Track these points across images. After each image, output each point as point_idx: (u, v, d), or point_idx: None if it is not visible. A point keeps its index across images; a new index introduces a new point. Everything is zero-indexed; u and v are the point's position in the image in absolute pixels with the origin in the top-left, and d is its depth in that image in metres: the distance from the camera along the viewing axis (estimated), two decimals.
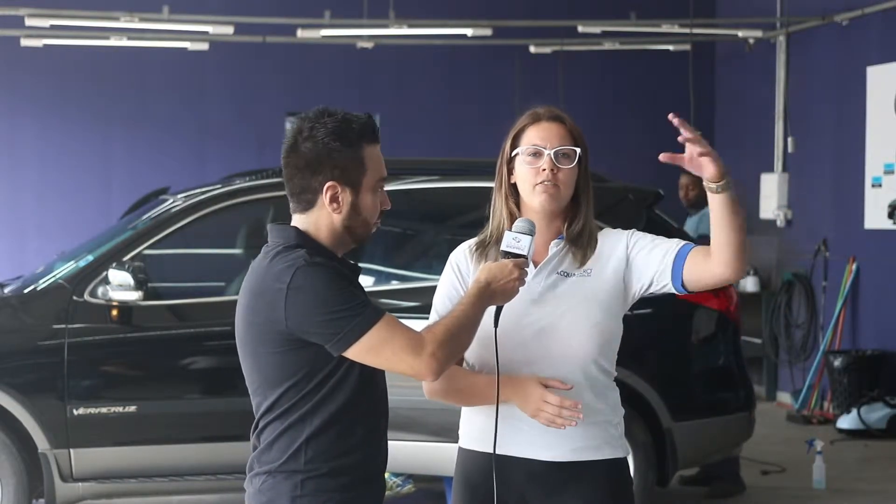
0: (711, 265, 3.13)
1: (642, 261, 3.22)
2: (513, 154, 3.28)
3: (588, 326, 3.19)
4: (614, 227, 3.36)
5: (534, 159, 3.24)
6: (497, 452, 3.19)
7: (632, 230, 3.30)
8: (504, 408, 3.16)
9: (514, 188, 3.29)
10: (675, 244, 3.22)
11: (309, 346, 2.91)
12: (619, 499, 3.25)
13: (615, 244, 3.27)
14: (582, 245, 3.25)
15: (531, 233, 3.11)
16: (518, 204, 3.29)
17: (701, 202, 9.05)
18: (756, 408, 7.19)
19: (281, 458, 2.97)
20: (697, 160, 3.03)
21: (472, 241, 3.36)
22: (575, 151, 3.25)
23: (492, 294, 3.02)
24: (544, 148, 3.23)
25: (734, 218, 3.05)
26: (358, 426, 2.99)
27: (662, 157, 3.07)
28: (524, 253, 3.08)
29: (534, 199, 3.23)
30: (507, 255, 3.08)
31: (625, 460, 3.29)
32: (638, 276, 3.23)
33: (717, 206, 3.05)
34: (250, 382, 3.04)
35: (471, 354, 3.24)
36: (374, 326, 2.89)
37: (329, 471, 2.96)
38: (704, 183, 3.05)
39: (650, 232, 3.38)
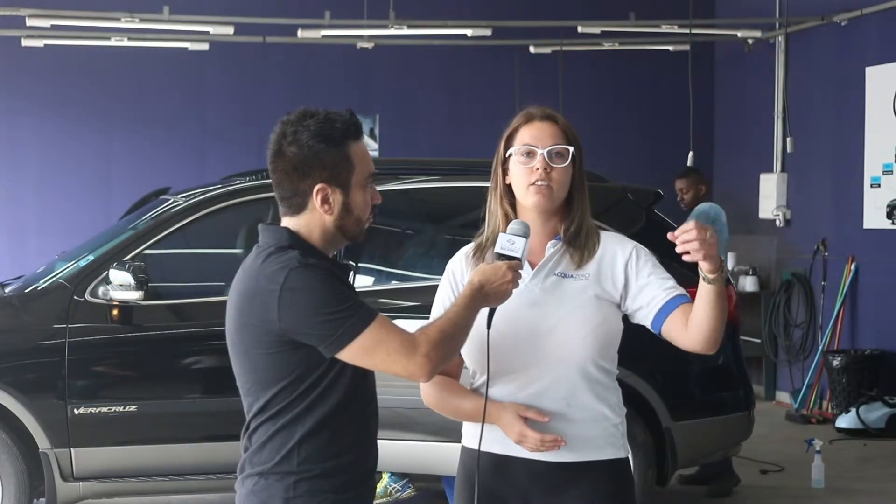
0: (686, 338, 3.17)
1: (633, 292, 3.23)
2: (507, 155, 3.29)
3: (587, 330, 3.19)
4: (614, 227, 3.37)
5: (527, 159, 3.24)
6: (500, 453, 3.21)
7: (633, 247, 3.28)
8: None
9: (509, 189, 3.30)
10: (666, 292, 3.20)
11: (302, 347, 2.91)
12: (622, 499, 3.26)
13: (615, 256, 3.26)
14: (579, 246, 3.25)
15: (526, 235, 3.11)
16: (513, 205, 3.29)
17: (696, 204, 8.88)
18: (755, 407, 7.20)
19: (273, 459, 2.96)
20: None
21: (468, 247, 3.35)
22: (568, 150, 3.25)
23: (485, 296, 3.02)
24: (537, 147, 3.23)
25: (718, 305, 3.07)
26: (350, 427, 2.99)
27: (670, 235, 3.02)
28: (518, 255, 3.07)
29: (528, 199, 3.23)
30: (501, 256, 3.08)
31: (627, 460, 3.30)
32: (623, 298, 3.25)
33: (704, 293, 3.07)
34: (242, 383, 3.04)
35: (469, 358, 3.26)
36: (368, 328, 2.88)
37: (322, 472, 2.96)
38: (699, 270, 3.05)
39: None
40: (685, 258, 3.00)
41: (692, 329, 3.13)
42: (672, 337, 3.21)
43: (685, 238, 2.96)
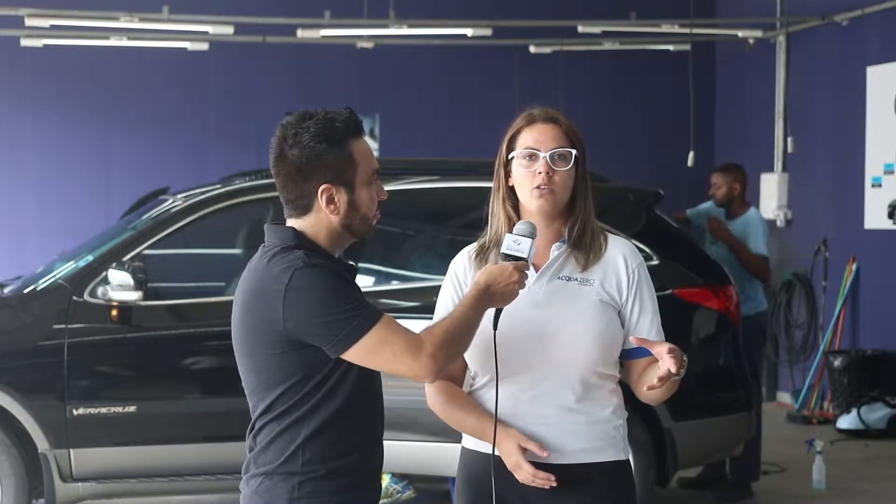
0: (636, 389, 3.26)
1: (625, 312, 3.23)
2: (509, 157, 3.27)
3: (592, 334, 3.18)
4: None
5: (529, 162, 3.22)
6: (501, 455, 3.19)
7: (638, 265, 3.27)
8: None
9: (511, 190, 3.28)
10: (647, 334, 3.21)
11: (307, 347, 2.90)
12: (623, 501, 3.25)
13: (620, 265, 3.25)
14: (584, 248, 3.24)
15: (532, 235, 3.09)
16: (516, 207, 3.27)
17: (729, 202, 8.48)
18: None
19: (278, 459, 2.96)
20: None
21: (471, 247, 3.34)
22: (571, 153, 3.23)
23: (491, 297, 3.01)
24: (539, 150, 3.21)
25: (672, 389, 3.18)
26: (355, 428, 2.98)
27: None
28: (524, 256, 3.06)
29: (531, 203, 3.22)
30: (508, 257, 3.07)
31: (627, 462, 3.29)
32: (621, 307, 3.24)
33: (663, 387, 3.13)
34: (247, 383, 3.03)
35: (472, 359, 3.24)
36: (372, 328, 2.87)
37: (327, 472, 2.95)
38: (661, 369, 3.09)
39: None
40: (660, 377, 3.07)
41: (642, 392, 3.21)
42: (627, 378, 3.28)
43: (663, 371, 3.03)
